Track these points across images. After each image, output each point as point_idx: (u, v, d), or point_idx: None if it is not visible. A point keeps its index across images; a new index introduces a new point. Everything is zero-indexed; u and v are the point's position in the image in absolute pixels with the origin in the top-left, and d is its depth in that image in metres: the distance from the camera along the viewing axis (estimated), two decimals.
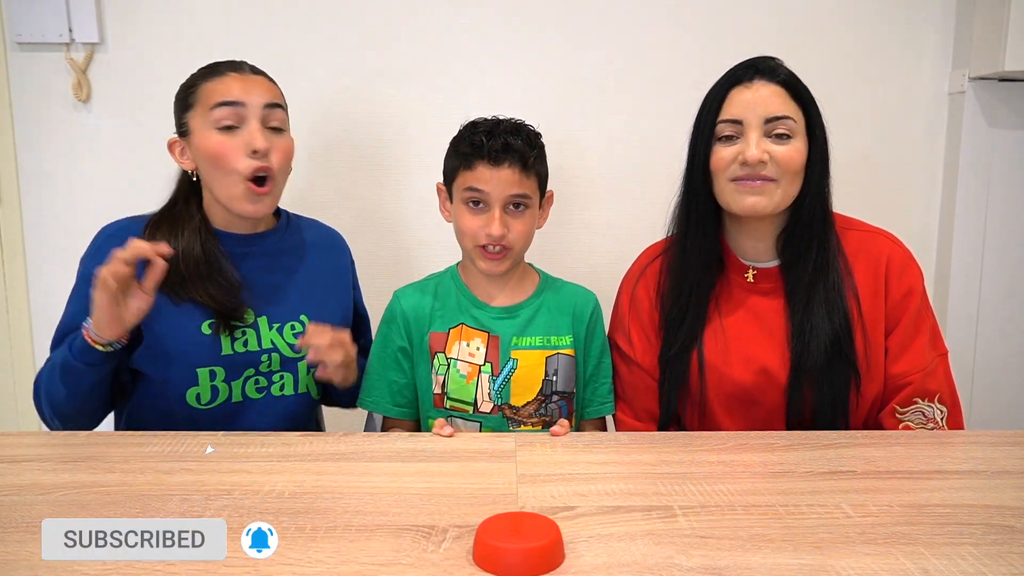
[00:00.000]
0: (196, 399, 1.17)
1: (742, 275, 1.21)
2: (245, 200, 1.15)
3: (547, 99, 1.69)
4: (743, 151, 1.12)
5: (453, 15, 1.67)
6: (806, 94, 1.15)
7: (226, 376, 1.17)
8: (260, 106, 1.15)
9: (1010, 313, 1.79)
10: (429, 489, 0.89)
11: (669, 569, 0.71)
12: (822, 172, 1.16)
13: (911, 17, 1.71)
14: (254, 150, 1.13)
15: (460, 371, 1.21)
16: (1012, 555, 0.73)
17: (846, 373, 1.14)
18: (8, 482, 0.90)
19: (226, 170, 1.14)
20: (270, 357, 1.20)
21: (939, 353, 1.17)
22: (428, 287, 1.27)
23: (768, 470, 0.94)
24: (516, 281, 1.26)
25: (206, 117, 1.14)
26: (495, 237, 1.16)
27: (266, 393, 1.22)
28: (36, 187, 1.70)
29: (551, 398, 1.22)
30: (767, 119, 1.12)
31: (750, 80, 1.14)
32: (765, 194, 1.12)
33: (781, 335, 1.17)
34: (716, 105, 1.15)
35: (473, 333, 1.22)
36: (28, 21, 1.62)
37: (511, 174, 1.16)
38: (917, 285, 1.17)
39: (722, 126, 1.14)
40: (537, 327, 1.23)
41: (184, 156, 1.19)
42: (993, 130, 1.72)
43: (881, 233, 1.21)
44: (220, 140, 1.13)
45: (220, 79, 1.16)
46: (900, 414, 1.14)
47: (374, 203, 1.72)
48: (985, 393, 1.80)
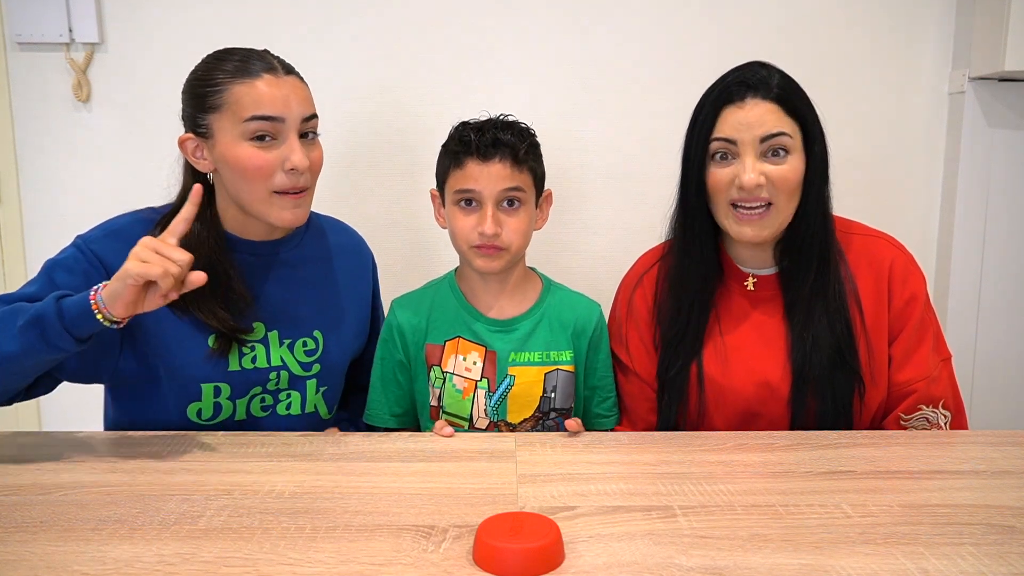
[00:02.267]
0: (197, 415, 1.11)
1: (742, 283, 1.19)
2: (281, 209, 1.09)
3: (549, 99, 1.69)
4: (739, 175, 1.09)
5: (457, 18, 1.67)
6: (802, 105, 1.11)
7: (231, 394, 1.12)
8: (299, 120, 1.07)
9: (1010, 313, 1.79)
10: (429, 489, 0.89)
11: (669, 569, 0.71)
12: (822, 182, 1.13)
13: (911, 17, 1.71)
14: (292, 168, 1.06)
15: (456, 386, 1.19)
16: (1012, 555, 0.73)
17: (850, 382, 1.12)
18: (8, 482, 0.90)
19: (258, 184, 1.07)
20: (279, 375, 1.14)
21: (942, 358, 1.16)
22: (425, 297, 1.24)
23: (768, 470, 0.94)
24: (516, 287, 1.22)
25: (237, 127, 1.05)
26: (488, 236, 1.12)
27: (271, 412, 1.16)
28: (36, 187, 1.70)
29: (548, 415, 1.20)
30: (762, 138, 1.08)
31: (742, 99, 1.09)
32: (765, 226, 1.11)
33: (781, 345, 1.16)
34: (708, 124, 1.11)
35: (470, 347, 1.19)
36: (28, 21, 1.62)
37: (501, 168, 1.13)
38: (920, 291, 1.16)
39: (716, 144, 1.11)
40: (536, 342, 1.20)
41: (201, 156, 1.10)
42: (993, 130, 1.72)
43: (883, 237, 1.20)
44: (254, 154, 1.06)
45: (253, 83, 1.05)
46: (904, 421, 1.14)
47: (385, 206, 1.72)
48: (985, 393, 1.80)
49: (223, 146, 1.07)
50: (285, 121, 1.06)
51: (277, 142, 1.07)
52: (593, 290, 1.31)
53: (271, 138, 1.07)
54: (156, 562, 0.72)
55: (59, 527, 0.78)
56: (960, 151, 1.72)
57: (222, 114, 1.06)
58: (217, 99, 1.06)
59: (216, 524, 0.79)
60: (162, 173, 1.24)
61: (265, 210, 1.09)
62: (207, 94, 1.07)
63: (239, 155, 1.06)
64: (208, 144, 1.09)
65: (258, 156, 1.06)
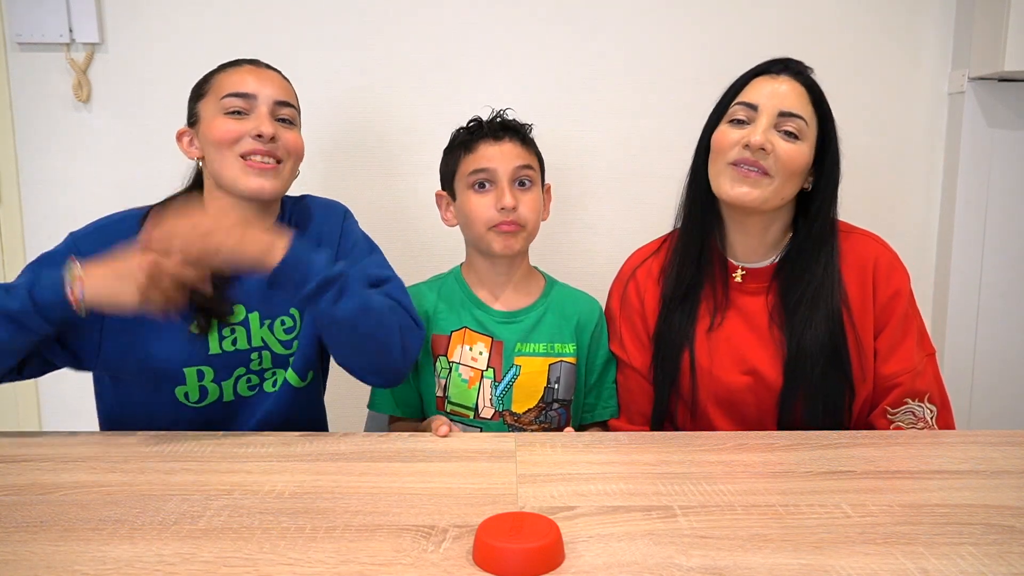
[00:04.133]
0: (185, 397, 1.15)
1: (731, 275, 1.21)
2: (247, 175, 1.13)
3: (549, 99, 1.69)
4: (749, 135, 1.12)
5: (455, 15, 1.67)
6: (825, 104, 1.16)
7: (215, 376, 1.15)
8: (271, 100, 1.15)
9: (1010, 313, 1.79)
10: (429, 489, 0.89)
11: (669, 569, 0.71)
12: (835, 186, 1.17)
13: (911, 17, 1.71)
14: (259, 134, 1.12)
15: (462, 376, 1.21)
16: (1012, 555, 0.73)
17: (840, 385, 1.14)
18: (8, 482, 0.90)
19: (226, 151, 1.13)
20: (260, 355, 1.17)
21: (927, 353, 1.18)
22: (431, 288, 1.27)
23: (768, 470, 0.94)
24: (521, 281, 1.25)
25: (216, 105, 1.14)
26: (508, 209, 1.16)
27: (258, 390, 1.19)
28: (36, 187, 1.70)
29: (552, 405, 1.22)
30: (781, 112, 1.12)
31: (777, 73, 1.16)
32: (758, 187, 1.13)
33: (769, 335, 1.17)
34: (737, 88, 1.17)
35: (476, 337, 1.21)
36: (28, 21, 1.62)
37: (513, 147, 1.18)
38: (904, 287, 1.18)
39: (736, 108, 1.15)
40: (541, 333, 1.22)
41: (192, 145, 1.18)
42: (993, 130, 1.72)
43: (867, 235, 1.22)
44: (225, 122, 1.13)
45: (235, 70, 1.17)
46: (891, 415, 1.15)
47: (379, 204, 1.72)
48: (985, 393, 1.80)
49: (204, 125, 1.16)
50: (257, 98, 1.14)
51: (249, 117, 1.14)
52: (594, 290, 1.31)
53: (244, 114, 1.14)
54: (156, 562, 0.72)
55: (59, 527, 0.78)
56: (960, 151, 1.72)
57: (207, 99, 1.17)
58: (206, 87, 1.18)
59: (216, 524, 0.79)
60: (162, 173, 1.25)
61: (234, 176, 1.13)
62: (199, 87, 1.19)
63: (213, 126, 1.14)
64: (196, 131, 1.18)
65: (228, 123, 1.13)
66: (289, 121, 1.18)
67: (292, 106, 1.19)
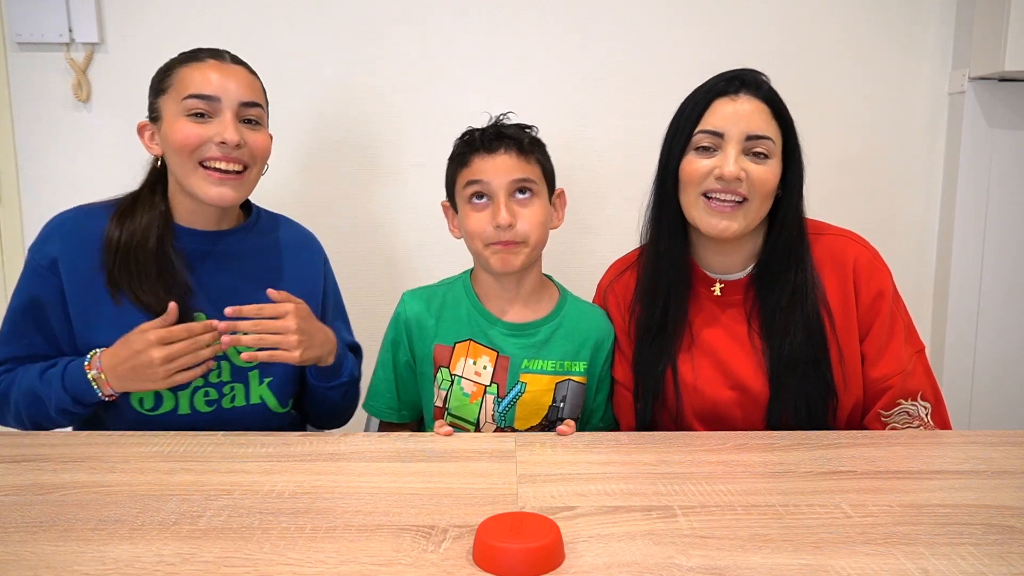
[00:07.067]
0: (139, 403, 1.12)
1: (708, 288, 1.19)
2: (206, 183, 1.10)
3: (548, 100, 1.69)
4: (720, 166, 1.09)
5: (452, 16, 1.67)
6: (786, 113, 1.12)
7: None
8: (236, 102, 1.11)
9: (1010, 313, 1.79)
10: (429, 489, 0.89)
11: (669, 569, 0.71)
12: (799, 192, 1.14)
13: (911, 17, 1.71)
14: (222, 141, 1.08)
15: (464, 389, 1.17)
16: (1012, 555, 0.73)
17: (823, 395, 1.12)
18: (8, 482, 0.90)
19: (186, 156, 1.09)
20: (220, 366, 1.14)
21: (916, 350, 1.16)
22: (436, 295, 1.22)
23: (768, 470, 0.94)
24: (532, 293, 1.20)
25: (178, 106, 1.10)
26: (503, 227, 1.10)
27: (216, 406, 1.15)
28: (36, 187, 1.70)
29: (555, 424, 1.17)
30: (748, 136, 1.09)
31: (736, 93, 1.11)
32: (736, 219, 1.10)
33: (751, 350, 1.15)
34: (697, 113, 1.12)
35: (481, 351, 1.17)
36: (28, 21, 1.62)
37: (507, 159, 1.12)
38: (887, 286, 1.15)
39: (701, 136, 1.11)
40: (552, 351, 1.18)
41: (153, 141, 1.15)
42: (993, 130, 1.72)
43: (842, 234, 1.19)
44: (186, 126, 1.09)
45: (198, 66, 1.11)
46: (885, 417, 1.14)
47: (370, 205, 1.72)
48: (985, 393, 1.80)
49: (166, 125, 1.12)
50: (221, 101, 1.10)
51: (213, 121, 1.10)
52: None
53: (208, 116, 1.10)
54: (156, 562, 0.72)
55: (59, 527, 0.78)
56: (960, 151, 1.72)
57: (168, 95, 1.12)
58: (166, 82, 1.12)
59: (216, 524, 0.79)
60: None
61: (193, 183, 1.11)
62: (160, 79, 1.14)
63: (174, 129, 1.10)
64: (157, 127, 1.14)
65: (189, 127, 1.09)
66: (256, 121, 1.14)
67: (259, 105, 1.14)
